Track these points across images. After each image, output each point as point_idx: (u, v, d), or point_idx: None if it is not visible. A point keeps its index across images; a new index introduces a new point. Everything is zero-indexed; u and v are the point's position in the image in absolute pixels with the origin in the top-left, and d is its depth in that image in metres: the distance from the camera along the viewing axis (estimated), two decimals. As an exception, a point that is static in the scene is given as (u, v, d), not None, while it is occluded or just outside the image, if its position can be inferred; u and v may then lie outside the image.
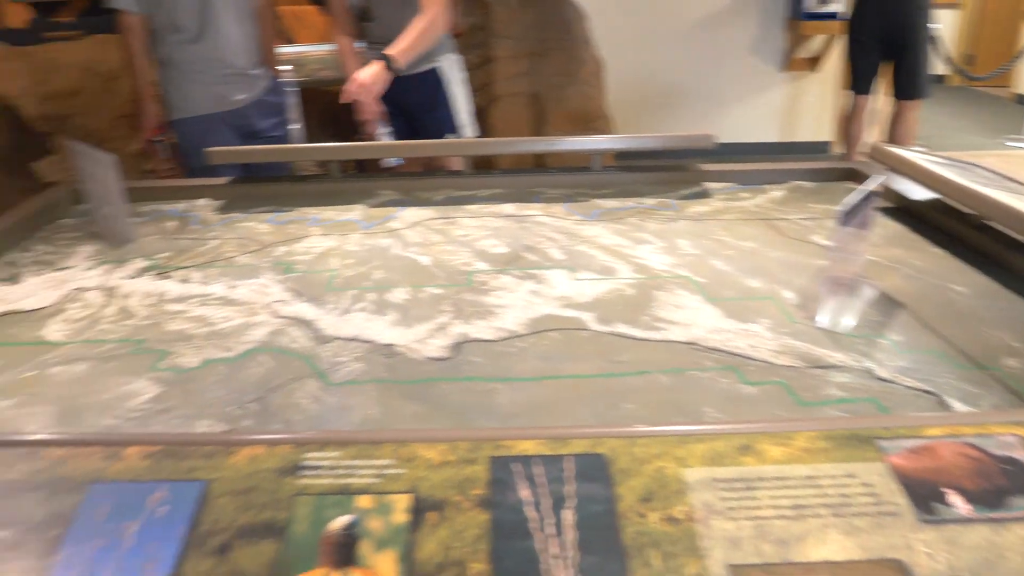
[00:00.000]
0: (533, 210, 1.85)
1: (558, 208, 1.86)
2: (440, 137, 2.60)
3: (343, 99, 2.42)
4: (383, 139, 2.49)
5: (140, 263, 1.64)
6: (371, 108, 2.41)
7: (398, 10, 2.45)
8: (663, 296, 1.37)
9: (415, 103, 2.59)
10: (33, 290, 1.54)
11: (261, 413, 1.06)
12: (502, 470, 0.71)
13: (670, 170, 2.02)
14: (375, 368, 1.16)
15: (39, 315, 1.43)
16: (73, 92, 4.13)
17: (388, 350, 1.21)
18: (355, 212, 1.89)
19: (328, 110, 4.00)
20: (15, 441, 0.76)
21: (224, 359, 1.21)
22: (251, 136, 2.73)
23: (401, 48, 2.37)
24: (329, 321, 1.31)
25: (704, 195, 1.91)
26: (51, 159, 4.22)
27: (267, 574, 0.63)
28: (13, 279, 1.60)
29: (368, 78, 2.36)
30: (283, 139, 2.91)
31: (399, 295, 1.41)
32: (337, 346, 1.23)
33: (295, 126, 3.25)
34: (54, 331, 1.36)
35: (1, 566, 0.66)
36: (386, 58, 2.37)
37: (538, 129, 3.63)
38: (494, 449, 0.73)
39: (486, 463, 0.72)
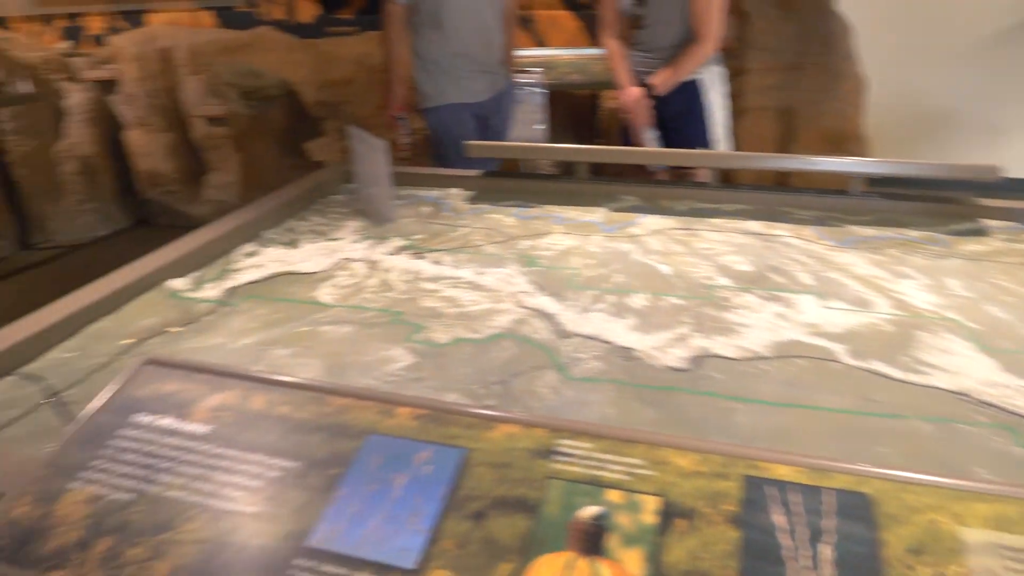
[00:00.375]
0: (780, 230, 1.77)
1: (808, 231, 1.77)
2: (691, 148, 2.59)
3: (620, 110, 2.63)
4: (649, 144, 2.55)
5: (398, 242, 1.78)
6: (640, 118, 2.54)
7: (671, 21, 2.48)
8: (927, 338, 1.25)
9: (671, 112, 2.59)
10: (309, 255, 1.72)
11: (503, 396, 1.11)
12: (756, 491, 0.69)
13: (940, 201, 1.85)
14: (613, 369, 1.17)
15: (313, 278, 1.60)
16: (346, 82, 4.57)
17: (626, 353, 1.22)
18: (597, 214, 1.92)
19: (571, 113, 4.10)
20: (307, 385, 0.86)
21: (471, 340, 1.28)
22: (484, 130, 2.93)
23: (665, 77, 2.52)
24: (569, 317, 1.35)
25: (980, 232, 1.73)
26: (320, 141, 4.70)
27: (518, 546, 0.66)
28: (292, 244, 1.81)
29: (628, 105, 2.56)
30: (505, 135, 3.08)
31: (638, 300, 1.42)
32: (577, 342, 1.26)
33: (540, 126, 3.37)
34: (325, 294, 1.51)
35: (291, 491, 0.74)
36: (648, 84, 2.53)
37: (785, 146, 3.47)
38: (748, 468, 0.71)
39: (739, 480, 0.70)
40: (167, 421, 0.84)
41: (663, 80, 2.50)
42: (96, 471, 0.80)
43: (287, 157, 4.71)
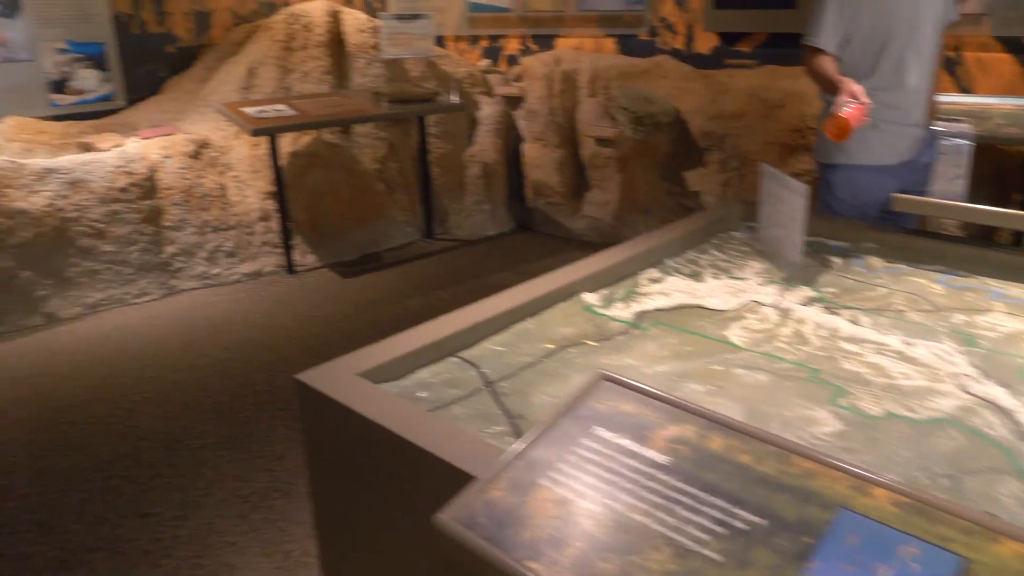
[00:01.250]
0: None
1: None
2: None
3: None
4: None
5: (808, 292, 1.69)
6: None
7: None
8: None
9: None
10: (714, 291, 1.72)
11: (952, 492, 0.99)
12: None
13: None
14: (1098, 493, 0.99)
15: (722, 316, 1.59)
16: (736, 115, 4.52)
17: (1117, 478, 1.02)
18: (1052, 297, 1.65)
19: (995, 169, 3.61)
20: (771, 439, 0.84)
21: (908, 419, 1.17)
22: (898, 189, 2.59)
23: None
24: (1030, 416, 1.17)
25: None
26: (700, 171, 4.72)
27: None
28: (696, 276, 1.82)
29: None
30: (921, 193, 2.70)
31: (1122, 413, 1.18)
32: (1045, 449, 1.08)
33: (961, 181, 3.01)
34: (735, 335, 1.50)
35: (759, 549, 0.73)
36: None
37: None
38: None
39: None
40: (626, 442, 0.89)
41: None
42: (562, 474, 0.86)
43: (665, 183, 4.81)
